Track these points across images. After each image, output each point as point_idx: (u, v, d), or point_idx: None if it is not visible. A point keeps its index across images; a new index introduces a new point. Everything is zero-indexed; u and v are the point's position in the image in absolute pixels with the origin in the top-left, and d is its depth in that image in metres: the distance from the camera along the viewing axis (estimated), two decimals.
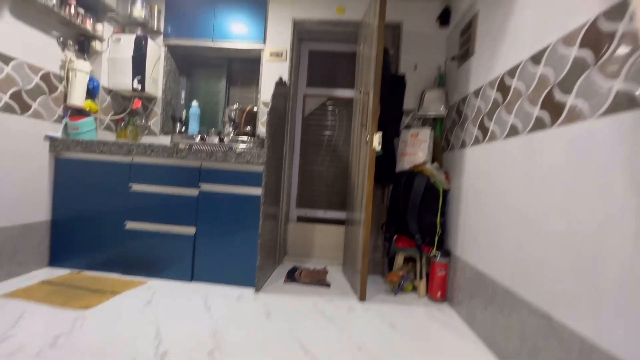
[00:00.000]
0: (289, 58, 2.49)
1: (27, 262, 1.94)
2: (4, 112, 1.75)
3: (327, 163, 2.83)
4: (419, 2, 2.41)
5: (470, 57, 1.91)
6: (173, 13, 2.54)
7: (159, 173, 2.03)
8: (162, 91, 2.59)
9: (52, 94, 2.03)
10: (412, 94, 2.40)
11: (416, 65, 2.41)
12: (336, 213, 2.80)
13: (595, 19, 0.97)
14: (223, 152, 1.96)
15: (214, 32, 2.50)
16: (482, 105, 1.71)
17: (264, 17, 2.49)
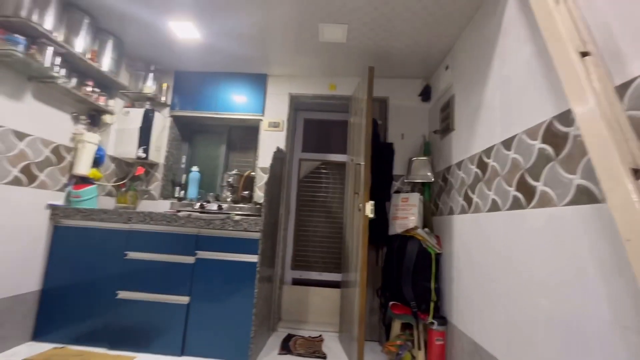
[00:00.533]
0: (286, 128, 2.69)
1: (9, 337, 1.86)
2: (11, 184, 1.83)
3: (322, 224, 2.89)
4: (402, 80, 2.70)
5: (450, 132, 2.10)
6: (180, 89, 2.78)
7: (156, 240, 2.05)
8: (165, 157, 2.72)
9: (60, 164, 2.13)
10: (401, 161, 2.57)
11: (403, 134, 2.62)
12: (331, 275, 2.79)
13: (551, 120, 1.14)
14: (221, 220, 2.02)
15: (217, 105, 2.73)
16: (465, 178, 1.85)
17: (263, 91, 2.74)
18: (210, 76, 2.77)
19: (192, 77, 2.79)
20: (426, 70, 2.56)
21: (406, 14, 1.88)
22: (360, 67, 2.54)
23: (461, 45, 2.03)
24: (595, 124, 0.85)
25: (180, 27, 2.14)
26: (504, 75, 1.48)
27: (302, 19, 2.00)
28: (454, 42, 2.12)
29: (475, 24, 1.83)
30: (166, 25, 2.14)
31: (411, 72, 2.60)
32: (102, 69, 2.21)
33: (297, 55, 2.45)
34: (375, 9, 1.86)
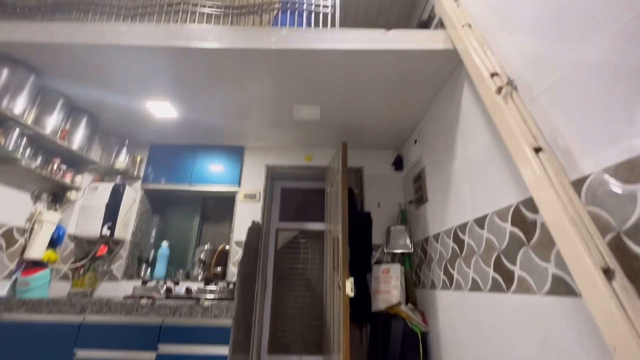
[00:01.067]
0: (262, 198, 2.66)
1: None
2: None
3: (302, 298, 2.71)
4: (376, 151, 2.83)
5: (424, 202, 2.15)
6: (155, 161, 2.75)
7: (113, 334, 1.81)
8: (132, 233, 2.56)
9: (10, 249, 1.94)
10: (379, 230, 2.55)
11: (379, 203, 2.65)
12: (313, 358, 2.53)
13: (518, 205, 1.17)
14: (189, 307, 1.84)
15: (192, 177, 2.69)
16: (443, 251, 1.84)
17: (240, 163, 2.76)
18: (187, 149, 2.78)
19: (167, 150, 2.78)
20: (397, 142, 2.70)
21: (373, 97, 2.03)
22: (335, 139, 2.65)
23: (427, 122, 2.19)
24: (560, 220, 0.87)
25: (157, 107, 2.19)
26: (468, 155, 1.57)
27: (277, 100, 2.11)
28: (421, 118, 2.29)
29: (438, 104, 1.99)
30: (143, 106, 2.18)
31: (383, 144, 2.74)
32: (72, 147, 2.16)
33: (274, 129, 2.54)
34: (346, 94, 2.00)
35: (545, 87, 1.04)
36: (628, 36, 0.79)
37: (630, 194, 0.76)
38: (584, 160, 0.90)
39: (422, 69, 1.75)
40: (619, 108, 0.81)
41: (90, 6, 1.80)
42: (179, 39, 1.63)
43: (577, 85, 0.93)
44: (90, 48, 1.65)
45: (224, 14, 1.76)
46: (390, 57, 1.66)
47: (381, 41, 1.62)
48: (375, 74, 1.79)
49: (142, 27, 1.65)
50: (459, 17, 1.57)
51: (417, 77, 1.82)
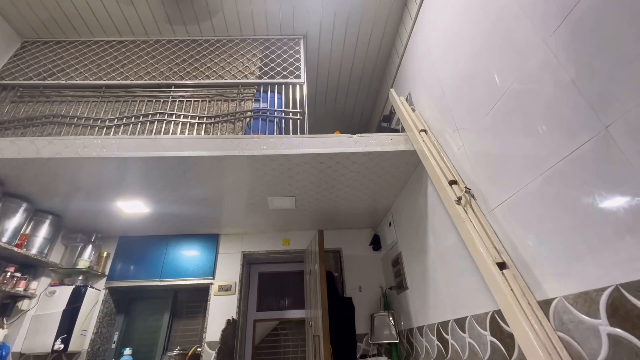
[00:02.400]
0: (238, 290, 2.52)
1: None
2: None
3: None
4: (353, 231, 2.84)
5: (405, 289, 2.11)
6: (122, 255, 2.60)
7: None
8: (90, 342, 2.29)
9: None
10: (363, 316, 2.44)
11: (360, 286, 2.58)
12: None
13: (494, 314, 1.17)
14: None
15: (163, 271, 2.54)
16: (429, 348, 1.75)
17: (215, 252, 2.66)
18: (158, 239, 2.67)
19: (137, 241, 2.66)
20: (373, 222, 2.74)
21: (346, 188, 2.11)
22: (312, 222, 2.66)
23: (399, 206, 2.26)
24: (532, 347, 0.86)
25: (128, 205, 2.15)
26: (440, 250, 1.60)
27: (251, 193, 2.13)
28: (393, 202, 2.36)
29: (407, 193, 2.09)
30: (113, 205, 2.14)
31: (360, 223, 2.77)
32: (31, 252, 2.03)
33: (249, 216, 2.52)
34: (319, 187, 2.07)
35: (499, 201, 1.12)
36: (562, 173, 0.88)
37: (594, 328, 0.78)
38: (547, 283, 0.93)
39: (388, 166, 1.87)
40: (567, 237, 0.87)
41: (65, 119, 1.85)
42: (153, 149, 1.67)
43: (525, 209, 1.01)
44: (61, 161, 1.65)
45: (197, 123, 1.86)
46: (357, 157, 1.77)
47: (348, 144, 1.74)
48: (346, 170, 1.89)
49: (117, 140, 1.69)
50: (415, 123, 1.74)
51: (384, 172, 1.93)
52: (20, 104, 1.91)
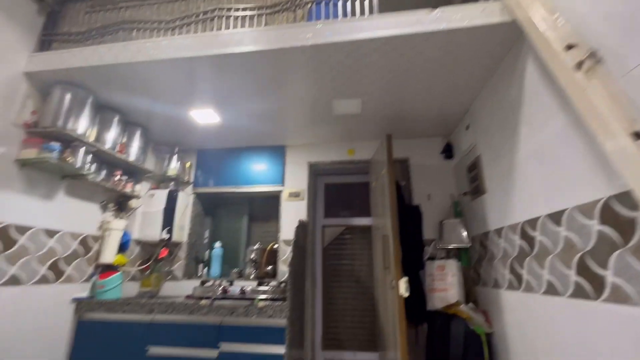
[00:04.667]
0: (306, 196, 2.65)
1: None
2: (38, 283, 1.83)
3: (352, 295, 2.68)
4: (422, 139, 2.65)
5: (482, 194, 1.96)
6: (202, 166, 2.87)
7: (179, 332, 1.93)
8: (188, 235, 2.71)
9: (87, 255, 2.15)
10: (431, 224, 2.41)
11: (429, 195, 2.50)
12: (367, 355, 2.50)
13: (608, 200, 0.99)
14: (244, 307, 1.89)
15: (238, 179, 2.76)
16: (508, 248, 1.66)
17: (282, 162, 2.77)
18: (231, 152, 2.85)
19: (213, 155, 2.88)
20: (446, 129, 2.50)
21: (418, 84, 1.88)
22: (378, 131, 2.53)
23: (481, 105, 1.98)
24: None
25: (201, 114, 2.26)
26: (537, 142, 1.37)
27: (316, 96, 2.04)
28: (473, 102, 2.08)
29: (493, 85, 1.78)
30: (188, 114, 2.26)
31: (430, 131, 2.55)
32: (130, 159, 2.32)
33: (314, 126, 2.49)
34: (388, 83, 1.87)
35: None
36: None
37: None
38: None
39: (474, 48, 1.57)
40: None
41: (132, 24, 1.87)
42: (216, 46, 1.63)
43: None
44: (135, 65, 1.72)
45: (257, 14, 1.73)
46: (437, 38, 1.50)
47: (426, 22, 1.47)
48: (420, 58, 1.64)
49: (181, 39, 1.68)
50: None
51: (468, 56, 1.63)
52: (93, 14, 1.98)
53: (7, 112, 1.71)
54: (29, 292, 1.78)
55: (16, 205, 1.73)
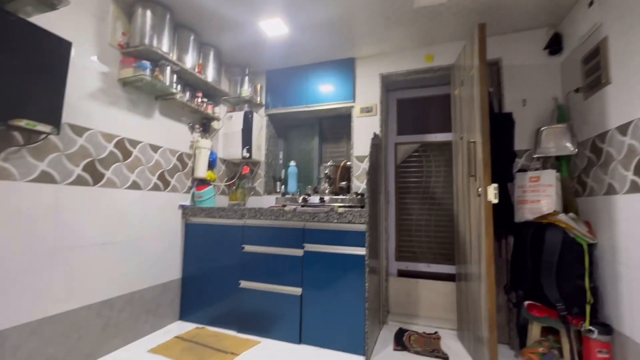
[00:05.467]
0: (379, 111, 2.52)
1: (164, 316, 2.23)
2: (153, 190, 2.16)
3: (427, 212, 2.65)
4: (519, 34, 2.21)
5: (604, 86, 1.61)
6: (272, 87, 2.88)
7: (267, 234, 2.17)
8: (265, 155, 2.88)
9: (184, 170, 2.44)
10: (525, 133, 2.13)
11: (524, 100, 2.16)
12: (442, 267, 2.54)
13: None
14: (325, 213, 2.00)
15: (307, 98, 2.73)
16: (636, 145, 1.39)
17: (352, 77, 2.62)
18: (298, 70, 2.78)
19: (281, 74, 2.85)
20: (553, 16, 2.03)
21: None
22: (464, 28, 2.18)
23: None
24: None
25: (269, 25, 2.17)
26: None
27: None
28: None
29: None
30: (256, 26, 2.20)
31: (531, 21, 2.10)
32: (208, 79, 2.42)
33: (387, 29, 2.23)
34: None
35: None
36: None
37: None
38: None
39: None
40: None
41: None
42: None
43: None
44: None
45: None
46: None
47: None
48: None
49: None
50: None
51: None
52: None
53: (102, 34, 1.85)
54: (147, 196, 2.11)
55: (125, 122, 1.97)
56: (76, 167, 1.68)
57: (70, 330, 1.63)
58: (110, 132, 1.87)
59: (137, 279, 2.02)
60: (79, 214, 1.69)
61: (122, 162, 1.94)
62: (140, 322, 2.04)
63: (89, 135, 1.75)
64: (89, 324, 1.72)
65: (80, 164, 1.70)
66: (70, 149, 1.65)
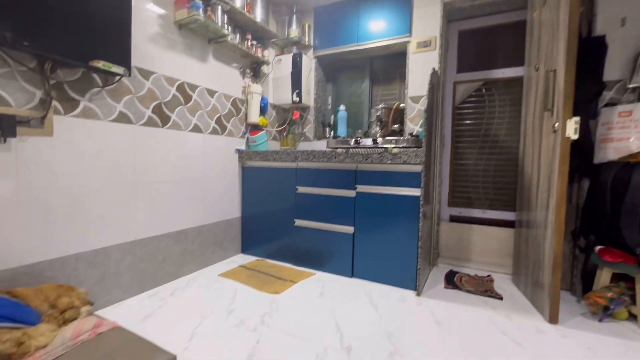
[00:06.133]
0: (438, 45, 2.29)
1: (228, 249, 2.49)
2: (212, 134, 2.28)
3: (485, 156, 2.48)
4: None
5: None
6: (320, 26, 2.74)
7: (320, 176, 2.22)
8: (314, 100, 2.84)
9: (238, 115, 2.52)
10: (618, 60, 1.81)
11: (624, 19, 1.80)
12: (499, 213, 2.44)
13: None
14: (379, 154, 1.97)
15: (359, 35, 2.56)
16: None
17: (410, 7, 2.37)
18: (349, 4, 2.58)
19: (330, 11, 2.67)
20: None
21: None
22: None
23: None
24: None
25: None
26: None
27: None
28: None
29: None
30: None
31: None
32: (256, 19, 2.36)
33: None
34: None
35: None
36: None
37: None
38: None
39: None
40: None
41: None
42: None
43: None
44: None
45: None
46: None
47: None
48: None
49: None
50: None
51: None
52: None
53: None
54: (207, 140, 2.24)
55: (183, 66, 2.04)
56: (146, 109, 1.81)
57: (156, 253, 1.90)
58: (171, 76, 1.95)
59: (204, 214, 2.23)
60: (153, 153, 1.86)
61: (184, 105, 2.04)
62: (209, 252, 2.30)
63: (154, 79, 1.85)
64: (170, 249, 1.99)
65: (149, 106, 1.83)
66: (140, 92, 1.77)
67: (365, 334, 1.45)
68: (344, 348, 1.33)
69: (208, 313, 1.61)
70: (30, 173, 1.35)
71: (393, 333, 1.46)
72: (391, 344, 1.37)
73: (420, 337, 1.43)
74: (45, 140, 1.39)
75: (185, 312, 1.61)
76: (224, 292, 1.87)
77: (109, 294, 1.66)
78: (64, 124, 1.45)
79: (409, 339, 1.41)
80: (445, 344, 1.39)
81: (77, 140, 1.50)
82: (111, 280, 1.66)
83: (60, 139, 1.43)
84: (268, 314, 1.61)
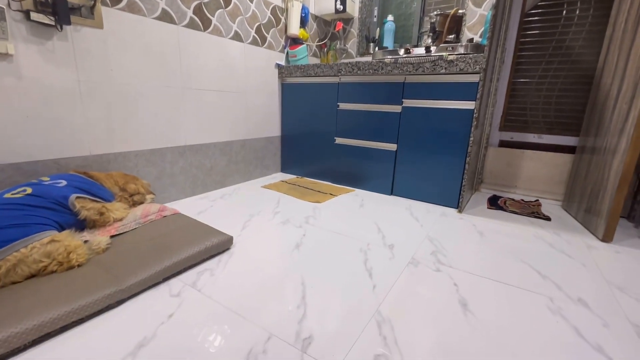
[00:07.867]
0: None
1: (269, 166, 2.57)
2: (252, 45, 2.18)
3: (552, 72, 2.19)
4: None
5: None
6: None
7: (363, 91, 2.11)
8: (359, 10, 2.57)
9: (277, 26, 2.36)
10: None
11: None
12: (556, 138, 2.23)
13: None
14: (431, 62, 1.80)
15: None
16: None
17: None
18: None
19: None
20: None
21: None
22: None
23: None
24: None
25: None
26: None
27: None
28: None
29: None
30: None
31: None
32: None
33: None
34: None
35: None
36: None
37: None
38: None
39: None
40: None
41: None
42: None
43: None
44: None
45: None
46: None
47: None
48: None
49: None
50: None
51: None
52: None
53: None
54: (248, 50, 2.16)
55: None
56: (188, 9, 1.74)
57: (205, 159, 1.99)
58: None
59: (246, 129, 2.26)
60: (196, 59, 1.83)
61: (223, 8, 1.93)
62: (252, 167, 2.39)
63: None
64: (217, 158, 2.07)
65: (190, 5, 1.75)
66: None
67: (406, 237, 1.48)
68: (386, 245, 1.38)
69: (255, 213, 1.71)
70: (88, 66, 1.38)
71: (435, 238, 1.48)
72: (433, 245, 1.40)
73: (463, 243, 1.44)
74: (96, 33, 1.39)
75: (234, 211, 1.73)
76: (268, 199, 1.97)
77: (166, 191, 1.80)
78: (111, 18, 1.43)
79: (451, 243, 1.43)
80: (488, 249, 1.39)
81: (125, 35, 1.49)
82: (168, 180, 1.80)
83: (110, 33, 1.43)
84: (312, 217, 1.69)
